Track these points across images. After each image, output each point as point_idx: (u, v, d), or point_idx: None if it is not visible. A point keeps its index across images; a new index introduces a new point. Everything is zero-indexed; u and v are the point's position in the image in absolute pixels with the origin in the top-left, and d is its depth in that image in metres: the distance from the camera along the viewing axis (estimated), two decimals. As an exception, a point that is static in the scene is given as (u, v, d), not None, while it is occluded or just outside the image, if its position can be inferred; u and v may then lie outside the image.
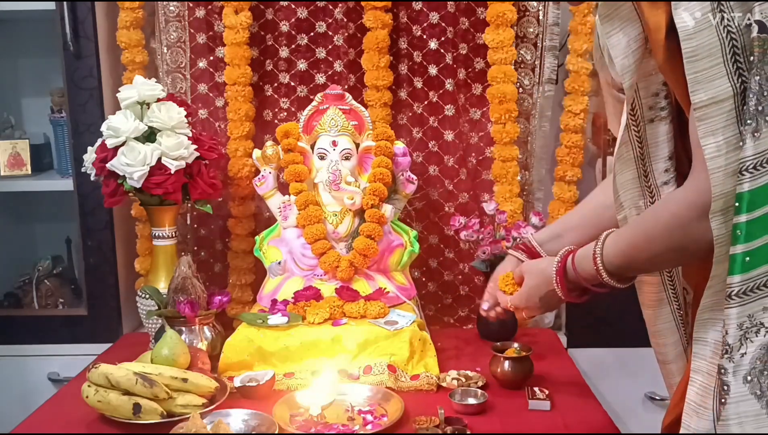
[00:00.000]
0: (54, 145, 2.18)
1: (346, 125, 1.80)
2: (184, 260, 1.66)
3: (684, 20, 0.93)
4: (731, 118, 0.91)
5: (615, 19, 1.06)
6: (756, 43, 0.89)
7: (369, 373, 1.58)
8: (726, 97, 0.91)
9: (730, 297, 0.91)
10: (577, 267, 1.18)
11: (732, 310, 0.91)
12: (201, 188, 1.75)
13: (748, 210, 0.89)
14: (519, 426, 1.41)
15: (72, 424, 1.45)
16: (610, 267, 1.12)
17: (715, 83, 0.91)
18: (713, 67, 0.91)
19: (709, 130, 0.92)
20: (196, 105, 2.03)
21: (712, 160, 0.92)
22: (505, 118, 1.93)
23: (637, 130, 1.10)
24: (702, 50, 0.91)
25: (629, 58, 1.05)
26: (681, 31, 0.93)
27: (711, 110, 0.91)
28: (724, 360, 0.92)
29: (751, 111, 0.89)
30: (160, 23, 2.00)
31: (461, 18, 1.96)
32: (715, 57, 0.91)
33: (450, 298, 2.06)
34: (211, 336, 1.69)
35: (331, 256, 1.74)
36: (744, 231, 0.89)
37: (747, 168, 0.89)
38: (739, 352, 0.91)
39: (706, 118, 0.92)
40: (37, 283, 2.14)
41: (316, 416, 1.39)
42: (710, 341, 0.98)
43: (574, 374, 1.69)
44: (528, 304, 1.30)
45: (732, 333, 0.91)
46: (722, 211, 0.92)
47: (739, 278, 0.90)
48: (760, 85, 0.89)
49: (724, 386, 0.92)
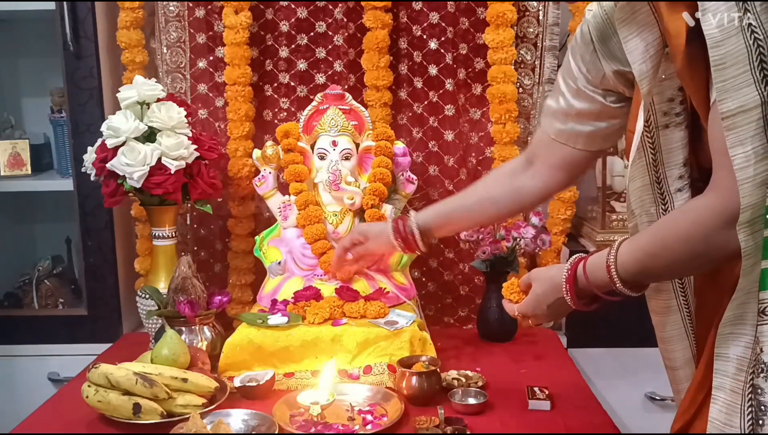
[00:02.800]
0: (54, 145, 2.18)
1: (346, 125, 1.80)
2: (184, 260, 1.66)
3: (711, 27, 0.90)
4: (759, 128, 0.89)
5: (632, 23, 1.04)
6: None
7: (369, 373, 1.58)
8: (753, 106, 0.88)
9: (763, 313, 0.88)
10: (589, 275, 1.14)
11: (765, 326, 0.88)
12: (201, 188, 1.75)
13: None
14: (519, 426, 1.41)
15: (72, 424, 1.45)
16: (624, 275, 1.08)
17: (743, 91, 0.89)
18: (740, 75, 0.89)
19: (737, 140, 0.89)
20: (196, 105, 2.03)
21: (742, 170, 0.89)
22: (505, 118, 1.93)
23: (650, 136, 1.08)
24: (729, 58, 0.89)
25: (647, 63, 1.03)
26: (709, 39, 0.91)
27: (739, 119, 0.89)
28: (761, 380, 0.88)
29: None
30: (160, 23, 2.00)
31: (461, 18, 1.96)
32: (743, 65, 0.89)
33: (450, 298, 2.06)
34: (211, 336, 1.69)
35: (331, 256, 1.74)
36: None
37: None
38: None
39: (734, 127, 0.89)
40: (37, 283, 2.13)
41: (316, 416, 1.39)
42: (732, 357, 0.94)
43: (574, 374, 1.69)
44: (535, 312, 1.25)
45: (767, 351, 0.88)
46: (749, 222, 0.90)
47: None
48: None
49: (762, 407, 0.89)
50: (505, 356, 1.79)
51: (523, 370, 1.69)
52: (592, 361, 1.93)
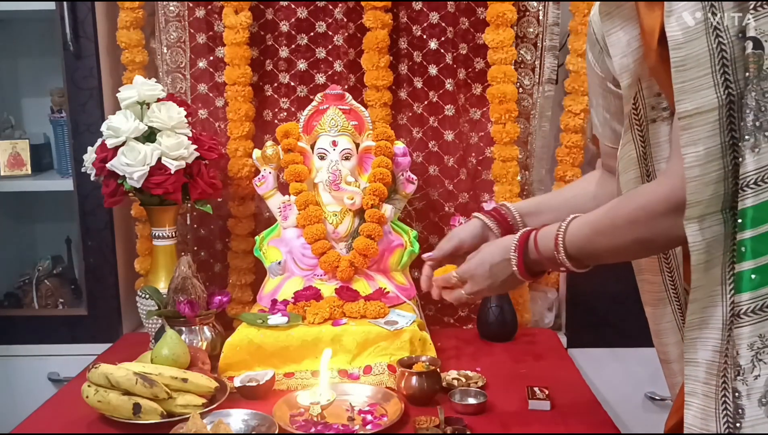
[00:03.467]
0: (54, 145, 2.18)
1: (346, 125, 1.80)
2: (184, 260, 1.66)
3: (674, 29, 0.92)
4: (714, 129, 0.90)
5: (616, 17, 1.05)
6: (751, 59, 0.88)
7: (369, 373, 1.58)
8: (711, 108, 0.90)
9: (738, 316, 0.89)
10: (539, 243, 1.14)
11: (742, 329, 0.88)
12: (201, 188, 1.75)
13: (752, 226, 0.87)
14: (519, 426, 1.41)
15: (72, 424, 1.45)
16: (571, 249, 1.10)
17: (701, 93, 0.90)
18: (701, 78, 0.90)
19: (691, 140, 0.91)
20: (196, 105, 2.03)
21: (691, 169, 0.91)
22: (505, 118, 1.93)
23: (640, 130, 1.09)
24: (690, 60, 0.91)
25: (628, 57, 1.04)
26: (671, 40, 0.92)
27: (695, 120, 0.91)
28: (738, 382, 0.89)
29: (749, 127, 0.88)
30: (160, 23, 2.00)
31: (461, 18, 1.96)
32: (704, 67, 0.90)
33: (450, 298, 2.06)
34: (211, 336, 1.69)
35: (331, 256, 1.74)
36: (749, 247, 0.87)
37: (748, 183, 0.87)
38: (752, 374, 0.88)
39: (690, 127, 0.91)
40: (37, 283, 2.13)
41: (316, 416, 1.39)
42: (701, 361, 0.95)
43: (574, 374, 1.69)
44: (476, 273, 1.21)
45: (743, 354, 0.88)
46: (699, 218, 0.91)
47: (748, 296, 0.88)
48: (756, 101, 0.88)
49: (738, 410, 0.89)
50: (505, 356, 1.79)
51: (523, 370, 1.69)
52: (592, 361, 1.93)
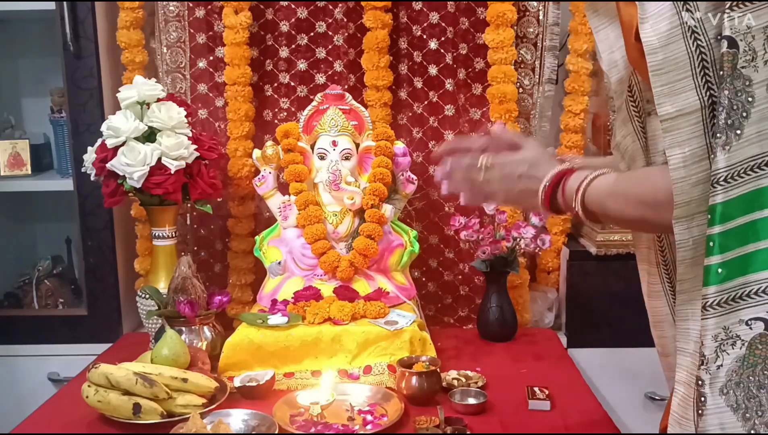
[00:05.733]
0: (54, 145, 2.18)
1: (346, 125, 1.80)
2: (184, 260, 1.66)
3: (648, 35, 0.92)
4: (698, 131, 0.91)
5: (602, 14, 1.06)
6: (725, 58, 0.88)
7: (369, 373, 1.58)
8: (693, 110, 0.90)
9: (705, 308, 0.90)
10: (566, 186, 1.10)
11: (708, 320, 0.90)
12: (201, 188, 1.75)
13: (721, 222, 0.89)
14: (519, 426, 1.41)
15: (72, 424, 1.45)
16: (588, 202, 1.06)
17: (683, 96, 0.91)
18: (681, 81, 0.90)
19: (675, 142, 0.91)
20: (196, 105, 2.03)
21: (676, 170, 0.91)
22: (505, 118, 1.93)
23: (641, 122, 1.10)
24: (668, 64, 0.91)
25: (616, 53, 1.05)
26: (646, 46, 0.92)
27: (678, 122, 0.91)
28: (702, 371, 0.91)
29: (720, 125, 0.88)
30: (160, 23, 2.00)
31: (461, 18, 1.96)
32: (683, 70, 0.90)
33: (450, 298, 2.06)
34: (211, 336, 1.69)
35: (331, 256, 1.74)
36: (717, 242, 0.89)
37: (719, 180, 0.88)
38: (715, 363, 0.90)
39: (672, 129, 0.91)
40: (37, 283, 2.13)
41: (316, 416, 1.39)
42: (690, 352, 0.97)
43: (574, 374, 1.69)
44: (508, 168, 1.11)
45: (708, 344, 0.90)
46: (686, 217, 0.92)
47: (714, 289, 0.90)
48: (729, 99, 0.88)
49: (701, 398, 0.91)
50: (505, 356, 1.79)
51: (523, 370, 1.69)
52: (592, 361, 1.93)
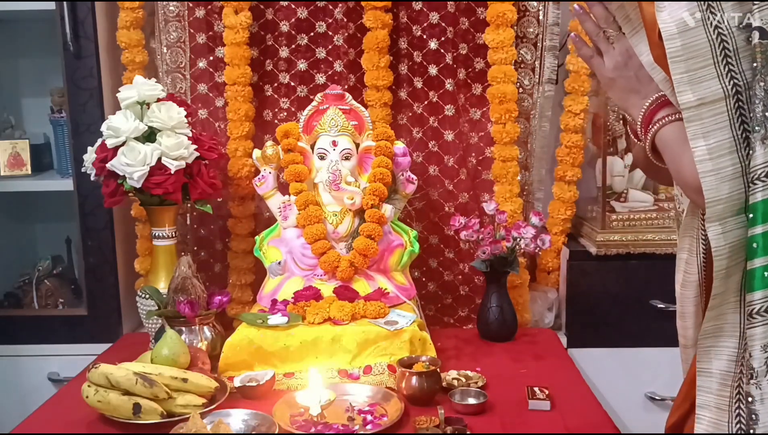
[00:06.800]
0: (54, 145, 2.18)
1: (346, 125, 1.80)
2: (184, 260, 1.66)
3: (665, 21, 0.92)
4: (723, 121, 0.88)
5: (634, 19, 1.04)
6: (758, 49, 0.86)
7: (369, 373, 1.58)
8: (717, 99, 0.88)
9: (751, 316, 0.86)
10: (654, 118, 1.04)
11: (755, 329, 0.85)
12: (201, 188, 1.75)
13: (763, 221, 0.85)
14: (519, 426, 1.41)
15: (72, 424, 1.45)
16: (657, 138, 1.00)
17: (705, 84, 0.89)
18: (703, 69, 0.89)
19: (699, 133, 0.88)
20: (196, 105, 2.03)
21: (702, 163, 0.88)
22: (505, 118, 1.93)
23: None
24: (688, 51, 0.90)
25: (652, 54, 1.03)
26: (664, 33, 0.92)
27: (701, 111, 0.89)
28: (751, 386, 0.86)
29: (758, 117, 0.86)
30: (160, 23, 2.00)
31: (461, 18, 1.96)
32: (705, 58, 0.89)
33: (450, 298, 2.06)
34: (211, 336, 1.69)
35: (331, 256, 1.74)
36: (761, 243, 0.85)
37: (759, 176, 0.85)
38: (766, 377, 0.86)
39: (695, 119, 0.89)
40: (37, 283, 2.13)
41: (316, 416, 1.39)
42: (715, 372, 0.92)
43: (574, 374, 1.69)
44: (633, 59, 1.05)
45: (757, 356, 0.86)
46: (719, 220, 0.88)
47: (761, 294, 0.85)
48: (765, 91, 0.86)
49: (752, 415, 0.87)
50: (505, 356, 1.79)
51: (523, 370, 1.69)
52: (592, 361, 1.93)
